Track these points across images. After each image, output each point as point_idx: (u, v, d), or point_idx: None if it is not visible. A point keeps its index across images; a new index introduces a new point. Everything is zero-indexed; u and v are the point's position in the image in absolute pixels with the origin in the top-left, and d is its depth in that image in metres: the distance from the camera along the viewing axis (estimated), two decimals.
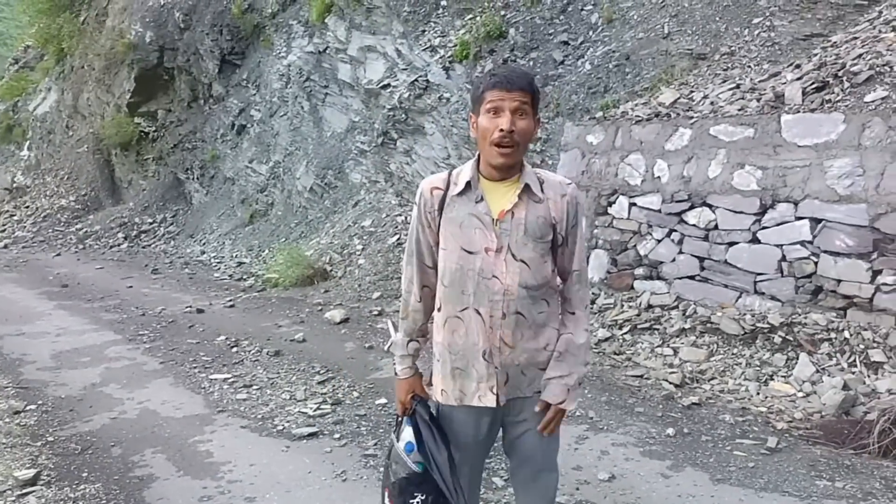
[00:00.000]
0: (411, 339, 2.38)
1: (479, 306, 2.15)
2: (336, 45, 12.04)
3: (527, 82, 2.10)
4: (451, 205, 2.19)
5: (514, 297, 2.14)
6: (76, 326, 7.72)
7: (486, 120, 2.10)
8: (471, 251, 2.15)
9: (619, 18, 8.68)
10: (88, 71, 19.15)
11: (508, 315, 2.15)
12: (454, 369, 2.23)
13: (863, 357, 4.72)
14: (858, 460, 3.94)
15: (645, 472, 3.88)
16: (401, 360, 2.39)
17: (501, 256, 2.13)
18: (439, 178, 2.26)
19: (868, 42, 5.83)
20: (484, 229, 2.15)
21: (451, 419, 2.30)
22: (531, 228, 2.14)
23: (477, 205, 2.16)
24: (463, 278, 2.17)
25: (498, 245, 2.14)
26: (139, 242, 15.37)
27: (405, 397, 2.36)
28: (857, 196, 4.92)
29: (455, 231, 2.18)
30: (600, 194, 6.73)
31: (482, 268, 2.14)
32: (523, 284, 2.14)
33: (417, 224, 2.28)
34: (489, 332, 2.16)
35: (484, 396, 2.20)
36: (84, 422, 4.84)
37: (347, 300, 8.42)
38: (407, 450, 2.27)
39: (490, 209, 2.15)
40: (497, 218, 2.14)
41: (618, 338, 5.99)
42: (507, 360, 2.18)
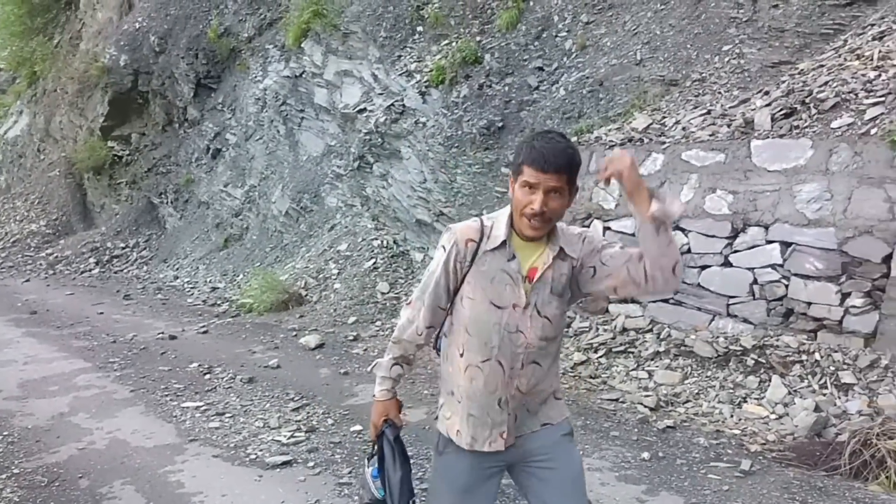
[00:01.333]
0: (396, 364, 2.40)
1: (502, 358, 2.20)
2: (312, 69, 12.08)
3: (565, 162, 2.08)
4: (483, 258, 2.22)
5: (533, 350, 2.21)
6: (45, 354, 7.57)
7: (521, 193, 2.12)
8: (499, 306, 2.19)
9: (593, 45, 8.81)
10: (61, 94, 18.99)
11: (526, 365, 2.21)
12: (469, 415, 2.27)
13: (833, 379, 4.77)
14: (831, 482, 3.97)
15: (621, 497, 3.88)
16: (381, 381, 2.41)
17: (528, 313, 2.18)
18: (473, 229, 2.25)
19: (834, 70, 5.97)
20: (514, 286, 2.18)
21: (457, 459, 2.31)
22: (556, 287, 2.20)
23: (509, 262, 2.19)
24: (488, 331, 2.20)
25: (525, 302, 2.18)
26: (111, 267, 15.16)
27: (378, 420, 2.39)
28: (826, 220, 5.00)
29: (486, 285, 2.20)
30: (574, 218, 6.77)
31: (508, 322, 2.18)
32: (544, 337, 2.21)
33: (443, 269, 2.27)
34: (507, 382, 2.22)
35: (494, 442, 2.25)
36: (51, 453, 4.73)
37: (323, 325, 8.36)
38: (373, 475, 2.32)
39: (521, 267, 2.19)
40: (527, 276, 2.19)
41: (593, 361, 6.00)
42: (518, 404, 2.25)
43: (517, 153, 2.16)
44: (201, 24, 14.90)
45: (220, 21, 14.51)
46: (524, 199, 2.11)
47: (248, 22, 14.14)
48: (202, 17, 14.98)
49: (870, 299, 4.78)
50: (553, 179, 2.07)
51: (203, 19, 14.93)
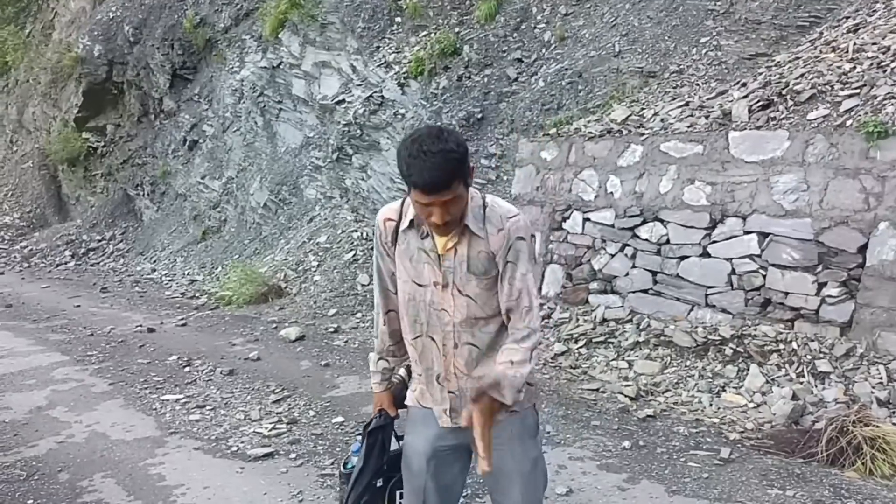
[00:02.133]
0: (381, 358, 2.46)
1: (433, 334, 2.21)
2: (290, 60, 11.98)
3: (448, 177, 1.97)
4: (403, 237, 2.22)
5: (463, 329, 2.18)
6: (21, 348, 7.47)
7: (418, 208, 2.06)
8: (421, 284, 2.20)
9: (572, 37, 8.84)
10: (34, 85, 18.67)
11: (460, 345, 2.19)
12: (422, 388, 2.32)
13: (810, 367, 4.84)
14: (808, 469, 4.03)
15: (602, 486, 3.91)
16: (372, 375, 2.49)
17: (448, 291, 2.17)
18: (392, 209, 2.26)
19: (810, 62, 6.03)
20: (431, 264, 2.18)
21: (413, 434, 2.33)
22: (473, 264, 2.14)
23: (423, 240, 2.18)
24: (416, 308, 2.22)
25: (444, 281, 2.16)
26: (87, 260, 14.97)
27: (374, 410, 2.46)
28: (802, 211, 5.07)
29: (407, 264, 2.22)
30: (555, 210, 6.80)
31: (432, 300, 2.19)
32: (472, 317, 2.17)
33: (377, 252, 2.33)
34: (443, 359, 2.22)
35: (440, 418, 2.27)
36: (29, 447, 4.67)
37: (303, 317, 8.33)
38: (354, 451, 2.46)
39: (436, 244, 2.16)
40: (441, 254, 2.16)
41: (573, 352, 6.04)
42: (465, 386, 2.20)
43: (400, 165, 2.03)
44: (177, 13, 14.71)
45: (195, 11, 14.32)
46: (423, 212, 2.06)
47: (225, 12, 13.98)
48: (177, 7, 14.79)
49: (845, 289, 4.86)
50: (442, 197, 1.98)
51: (178, 9, 14.74)
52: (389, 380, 2.45)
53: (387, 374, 2.45)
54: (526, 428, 2.28)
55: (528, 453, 2.26)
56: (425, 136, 1.99)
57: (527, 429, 2.28)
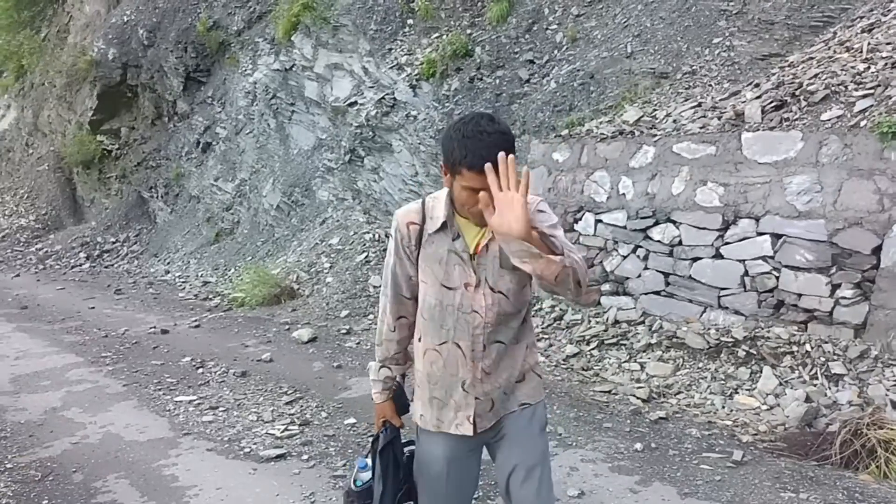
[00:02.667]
0: (383, 366, 2.41)
1: (460, 340, 2.17)
2: (303, 62, 12.03)
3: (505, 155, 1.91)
4: (430, 241, 2.18)
5: (492, 328, 2.17)
6: (36, 349, 7.54)
7: (465, 195, 2.01)
8: (450, 287, 2.16)
9: (584, 38, 8.82)
10: (49, 88, 18.84)
11: (489, 346, 2.18)
12: (432, 398, 2.25)
13: (824, 369, 4.81)
14: (821, 471, 4.01)
15: (614, 488, 3.90)
16: (373, 384, 2.44)
17: (480, 291, 2.14)
18: (414, 212, 2.22)
19: (823, 62, 6.00)
20: (463, 265, 2.15)
21: (428, 443, 2.31)
22: (505, 259, 2.08)
23: (454, 242, 2.15)
24: (442, 313, 2.18)
25: (476, 280, 2.14)
26: (101, 262, 15.09)
27: (377, 421, 2.42)
28: (816, 212, 5.03)
29: (435, 268, 2.18)
30: (566, 211, 6.79)
31: (461, 303, 2.15)
32: (502, 314, 2.17)
33: (395, 257, 2.26)
34: (469, 364, 2.18)
35: (461, 425, 2.22)
36: (44, 447, 4.72)
37: (315, 319, 8.36)
38: (360, 466, 2.38)
39: (467, 245, 2.15)
40: (474, 253, 2.14)
41: (585, 353, 6.03)
42: (488, 388, 2.21)
43: (450, 149, 1.99)
44: (190, 17, 14.81)
45: (209, 14, 14.42)
46: (469, 201, 2.00)
47: (238, 15, 14.06)
48: (191, 11, 14.89)
49: (860, 290, 4.82)
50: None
51: (192, 12, 14.84)
52: (391, 388, 2.42)
53: (389, 382, 2.41)
54: (535, 421, 2.28)
55: (536, 444, 2.27)
56: (479, 118, 1.97)
57: (536, 422, 2.28)
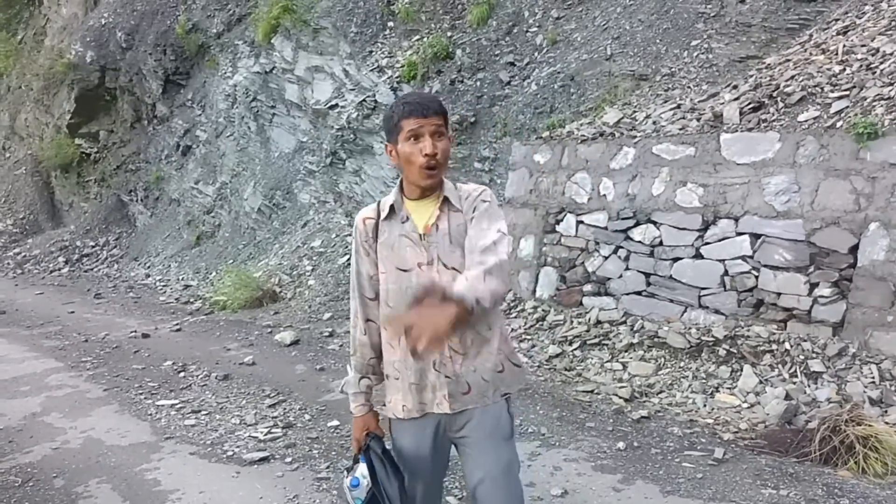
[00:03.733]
0: (363, 377, 2.40)
1: None
2: (283, 65, 11.99)
3: (439, 105, 2.20)
4: (383, 230, 2.28)
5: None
6: (15, 354, 7.45)
7: (409, 146, 2.17)
8: (405, 269, 2.22)
9: (564, 40, 8.87)
10: (26, 91, 18.64)
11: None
12: (411, 384, 2.25)
13: (803, 367, 4.87)
14: (801, 468, 4.06)
15: (597, 487, 3.93)
16: (353, 397, 2.41)
17: (433, 268, 2.19)
18: (370, 209, 2.35)
19: (800, 64, 6.08)
20: (414, 246, 2.22)
21: (404, 435, 2.32)
22: (455, 236, 2.20)
23: (404, 224, 2.25)
24: (403, 296, 2.21)
25: (428, 258, 2.20)
26: (81, 266, 14.94)
27: (360, 434, 2.38)
28: (794, 212, 5.10)
29: (388, 253, 2.25)
30: (548, 212, 6.83)
31: (418, 283, 2.18)
32: None
33: (356, 256, 2.35)
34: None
35: (441, 404, 2.23)
36: (24, 453, 4.67)
37: (298, 322, 8.33)
38: (352, 484, 2.31)
39: (416, 226, 2.23)
40: (423, 233, 2.21)
41: (568, 354, 6.06)
42: (463, 369, 2.21)
43: (389, 118, 2.23)
44: (169, 19, 14.73)
45: (188, 16, 14.35)
46: (413, 150, 2.16)
47: (217, 17, 14.01)
48: (170, 13, 14.82)
49: (837, 289, 4.89)
50: (434, 121, 2.16)
51: (171, 15, 14.76)
52: (371, 401, 2.40)
53: (370, 393, 2.40)
54: (500, 429, 2.26)
55: (501, 457, 2.25)
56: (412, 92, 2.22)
57: (501, 429, 2.26)
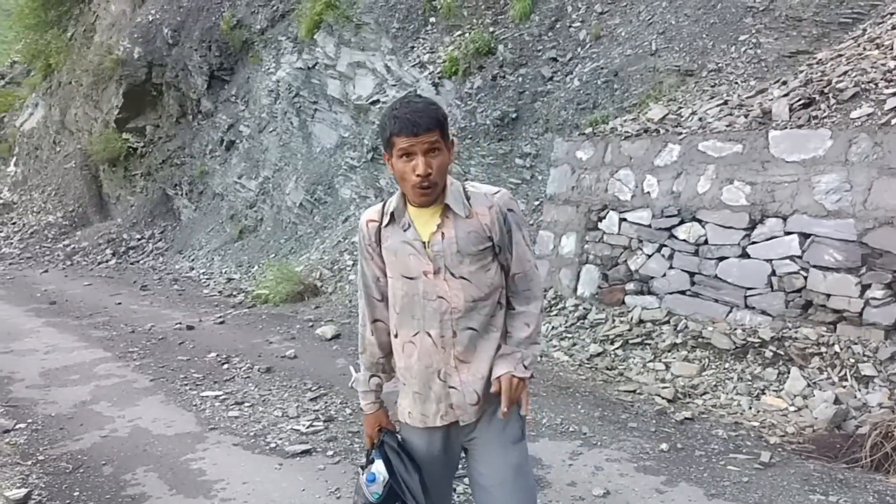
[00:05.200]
0: (372, 375, 2.39)
1: (430, 329, 2.17)
2: (325, 61, 12.09)
3: (432, 119, 2.07)
4: (385, 235, 2.23)
5: (461, 314, 2.16)
6: (65, 344, 7.66)
7: (401, 164, 2.10)
8: (410, 277, 2.18)
9: (607, 35, 8.78)
10: (76, 87, 19.09)
11: (459, 332, 2.17)
12: (415, 393, 2.25)
13: (853, 371, 4.75)
14: (851, 474, 3.96)
15: (639, 488, 3.89)
16: (363, 395, 2.40)
17: (441, 277, 2.15)
18: (374, 211, 2.29)
19: (853, 59, 5.92)
20: (417, 254, 2.17)
21: (412, 438, 2.31)
22: (463, 245, 2.14)
23: (405, 232, 2.19)
24: (410, 303, 2.19)
25: (434, 267, 2.15)
26: (127, 258, 15.28)
27: (372, 431, 2.38)
28: (845, 211, 4.97)
29: (392, 260, 2.21)
30: (590, 210, 6.77)
31: (426, 290, 2.16)
32: (470, 299, 2.16)
33: (361, 258, 2.33)
34: (442, 353, 2.18)
35: (445, 416, 2.21)
36: (74, 440, 4.80)
37: (338, 316, 8.40)
38: (368, 480, 2.31)
39: (419, 234, 2.17)
40: (427, 241, 2.16)
41: (609, 353, 6.00)
42: (467, 379, 2.19)
43: (383, 128, 2.13)
44: (214, 16, 14.94)
45: (232, 13, 14.54)
46: (406, 168, 2.08)
47: (261, 14, 14.16)
48: (215, 9, 15.02)
49: (890, 291, 4.75)
50: (426, 139, 2.05)
51: (216, 11, 14.97)
52: (381, 398, 2.40)
53: (380, 391, 2.39)
54: (509, 432, 2.23)
55: (510, 460, 2.22)
56: (406, 97, 2.14)
57: (510, 433, 2.23)
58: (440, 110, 2.13)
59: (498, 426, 2.22)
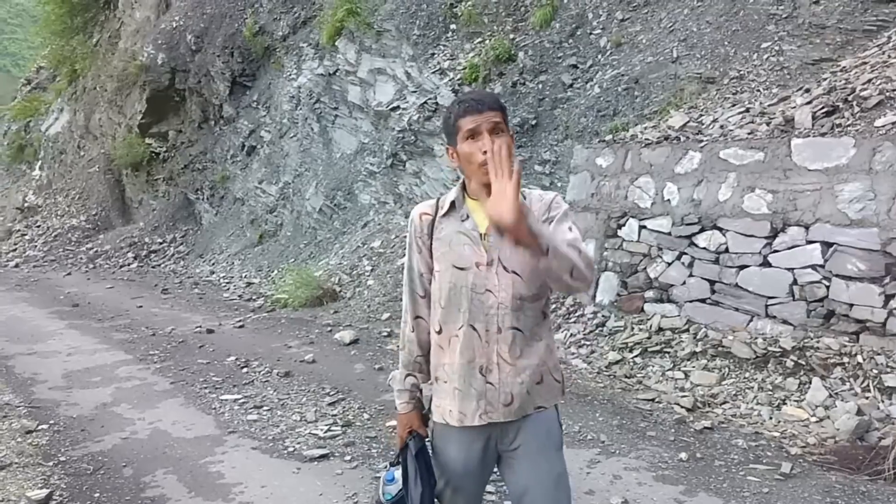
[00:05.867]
0: (409, 374, 2.37)
1: (475, 322, 2.15)
2: (346, 67, 12.16)
3: (495, 101, 2.14)
4: (440, 226, 2.23)
5: (508, 311, 2.13)
6: (87, 346, 7.75)
7: (468, 146, 2.12)
8: (462, 267, 2.16)
9: (628, 42, 8.75)
10: (101, 92, 19.35)
11: (504, 330, 2.14)
12: (456, 389, 2.20)
13: (876, 382, 4.69)
14: (874, 487, 3.91)
15: (658, 498, 3.86)
16: (398, 394, 2.38)
17: (493, 269, 2.14)
18: (428, 205, 2.31)
19: (878, 67, 5.86)
20: (472, 245, 2.16)
21: (449, 443, 2.26)
22: None
23: (463, 223, 2.19)
24: (458, 295, 2.17)
25: (488, 259, 2.14)
26: (149, 262, 15.44)
27: (404, 432, 2.35)
28: (869, 220, 4.92)
29: (445, 250, 2.20)
30: (610, 217, 6.74)
31: (475, 283, 2.14)
32: (517, 296, 2.13)
33: (410, 251, 2.32)
34: (485, 347, 2.15)
35: (484, 414, 2.17)
36: (95, 442, 4.85)
37: (357, 321, 8.43)
38: (387, 479, 2.30)
39: (477, 224, 2.17)
40: (485, 232, 2.15)
41: (628, 361, 5.97)
42: (510, 379, 2.15)
43: (447, 120, 2.18)
44: (237, 22, 15.09)
45: (255, 20, 14.67)
46: (472, 149, 2.11)
47: (283, 20, 14.28)
48: (237, 16, 15.17)
49: None
50: (491, 117, 2.09)
51: (238, 18, 15.12)
52: (417, 398, 2.37)
53: (415, 391, 2.36)
54: (551, 439, 2.22)
55: (553, 468, 2.20)
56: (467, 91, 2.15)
57: (552, 440, 2.22)
58: (501, 98, 2.20)
59: (542, 434, 2.20)
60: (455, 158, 2.20)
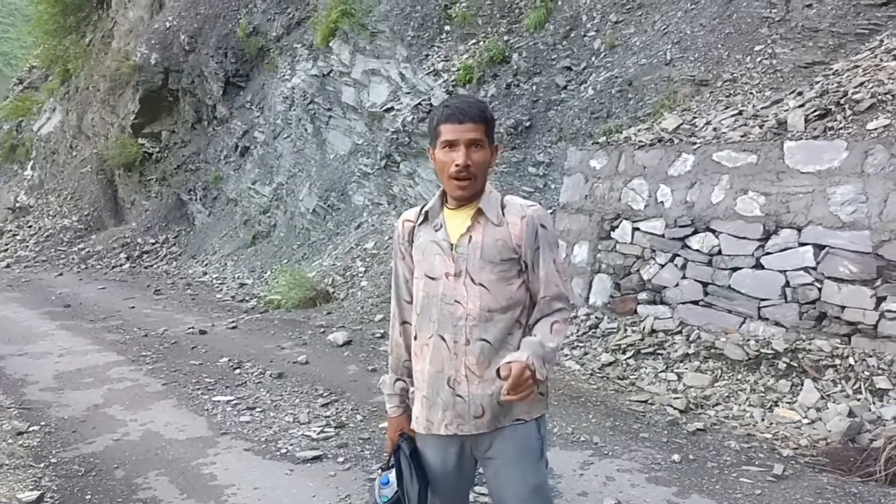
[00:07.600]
0: (398, 378, 2.39)
1: (444, 332, 2.16)
2: (340, 68, 12.15)
3: (479, 112, 2.12)
4: (418, 234, 2.26)
5: (476, 323, 2.13)
6: (78, 347, 7.71)
7: (443, 154, 2.13)
8: (433, 277, 2.18)
9: (622, 44, 8.77)
10: (93, 92, 19.28)
11: (472, 341, 2.14)
12: (423, 398, 2.23)
13: (868, 384, 4.71)
14: (865, 488, 3.92)
15: (651, 499, 3.87)
16: (388, 398, 2.41)
17: (461, 280, 2.15)
18: (412, 212, 2.33)
19: (870, 70, 5.89)
20: (442, 255, 2.18)
21: (424, 444, 2.29)
22: (488, 251, 2.13)
23: (436, 232, 2.21)
24: (429, 304, 2.19)
25: (456, 269, 2.15)
26: (141, 263, 15.38)
27: (394, 435, 2.37)
28: (861, 223, 4.94)
29: (419, 258, 2.23)
30: (603, 219, 6.75)
31: (444, 293, 2.16)
32: (486, 308, 2.13)
33: (395, 257, 2.36)
34: (454, 359, 2.15)
35: (450, 425, 2.18)
36: (87, 443, 4.83)
37: (350, 322, 8.42)
38: (382, 482, 2.32)
39: (448, 235, 2.19)
40: (454, 243, 2.17)
41: (621, 363, 5.98)
42: (478, 391, 2.15)
43: (431, 121, 2.19)
44: (230, 22, 15.07)
45: (248, 20, 14.65)
46: (446, 159, 2.12)
47: (277, 21, 14.26)
48: (231, 16, 15.15)
49: None
50: (471, 130, 2.09)
51: (232, 18, 15.10)
52: (406, 402, 2.37)
53: (404, 395, 2.38)
54: (529, 451, 2.20)
55: (528, 480, 2.18)
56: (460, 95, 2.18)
57: (529, 452, 2.20)
58: (488, 110, 2.18)
59: (518, 445, 2.18)
60: (434, 161, 2.21)
